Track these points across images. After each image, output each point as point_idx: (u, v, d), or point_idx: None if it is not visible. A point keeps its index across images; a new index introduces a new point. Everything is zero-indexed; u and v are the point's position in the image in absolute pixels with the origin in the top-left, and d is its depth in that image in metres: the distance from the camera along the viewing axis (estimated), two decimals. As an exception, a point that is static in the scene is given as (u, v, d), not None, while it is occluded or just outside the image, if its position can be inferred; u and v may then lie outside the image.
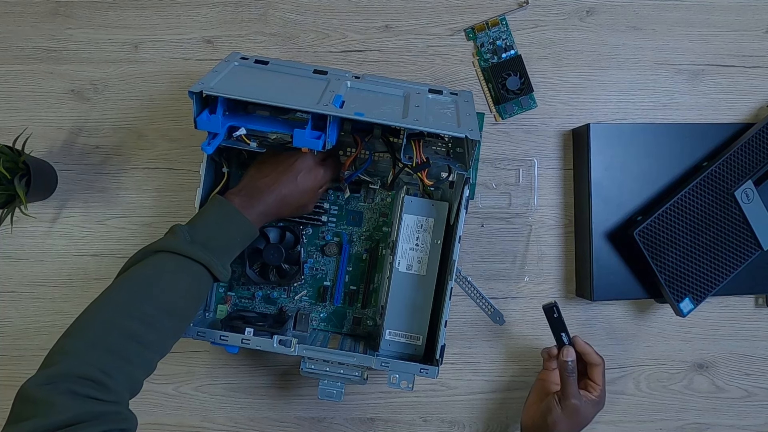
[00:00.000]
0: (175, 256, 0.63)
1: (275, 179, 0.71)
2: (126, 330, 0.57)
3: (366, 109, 0.65)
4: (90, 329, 0.57)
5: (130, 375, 0.56)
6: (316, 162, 0.73)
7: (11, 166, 0.76)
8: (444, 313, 0.71)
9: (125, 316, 0.58)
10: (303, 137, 0.65)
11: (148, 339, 0.58)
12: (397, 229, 0.76)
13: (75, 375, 0.52)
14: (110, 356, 0.55)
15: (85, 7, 0.86)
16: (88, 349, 0.55)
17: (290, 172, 0.71)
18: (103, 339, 0.56)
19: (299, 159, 0.71)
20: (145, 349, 0.58)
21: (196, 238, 0.65)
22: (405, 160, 0.71)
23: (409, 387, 0.71)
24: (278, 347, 0.70)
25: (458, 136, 0.64)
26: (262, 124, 0.67)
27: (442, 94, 0.75)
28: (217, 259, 0.65)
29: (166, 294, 0.61)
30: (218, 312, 0.82)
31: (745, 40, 0.87)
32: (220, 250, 0.66)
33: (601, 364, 0.76)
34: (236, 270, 0.81)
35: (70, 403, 0.50)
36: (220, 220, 0.67)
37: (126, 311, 0.58)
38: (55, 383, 0.51)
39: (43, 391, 0.51)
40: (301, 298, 0.83)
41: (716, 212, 0.80)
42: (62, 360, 0.54)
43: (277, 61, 0.75)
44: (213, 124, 0.65)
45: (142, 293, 0.60)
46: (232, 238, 0.67)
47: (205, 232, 0.66)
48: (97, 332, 0.56)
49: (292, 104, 0.64)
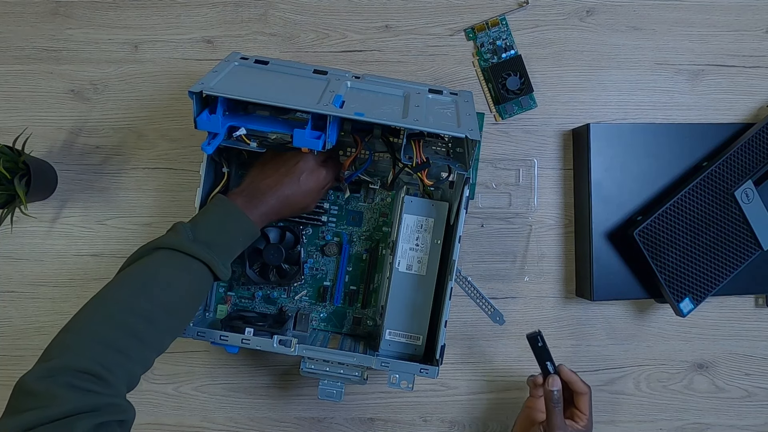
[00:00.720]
0: (177, 254, 0.63)
1: (278, 180, 0.71)
2: (126, 326, 0.57)
3: (366, 109, 0.65)
4: (90, 324, 0.57)
5: (128, 370, 0.56)
6: (318, 163, 0.73)
7: (11, 166, 0.76)
8: (444, 313, 0.71)
9: (125, 312, 0.58)
10: (303, 137, 0.65)
11: (148, 335, 0.58)
12: (397, 229, 0.76)
13: (74, 369, 0.52)
14: (110, 351, 0.55)
15: (85, 7, 0.86)
16: (87, 343, 0.55)
17: (293, 173, 0.71)
18: (103, 334, 0.56)
19: (301, 160, 0.71)
20: (144, 345, 0.58)
21: (198, 237, 0.65)
22: (405, 160, 0.71)
23: (410, 387, 0.71)
24: (278, 347, 0.70)
25: (458, 136, 0.64)
26: (262, 124, 0.67)
27: (442, 94, 0.75)
28: (219, 257, 0.65)
29: (167, 292, 0.61)
30: (218, 312, 0.82)
31: (745, 40, 0.87)
32: (221, 248, 0.66)
33: (588, 393, 0.74)
34: (236, 270, 0.81)
35: (69, 395, 0.50)
36: (222, 220, 0.67)
37: (126, 307, 0.58)
38: (54, 376, 0.51)
39: (43, 383, 0.51)
40: (301, 298, 0.83)
41: (716, 212, 0.80)
42: (61, 354, 0.54)
43: (277, 61, 0.75)
44: (213, 124, 0.65)
45: (142, 290, 0.60)
46: (234, 237, 0.67)
47: (207, 231, 0.66)
48: (96, 327, 0.56)
49: (292, 104, 0.64)
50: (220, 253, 0.66)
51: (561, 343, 0.86)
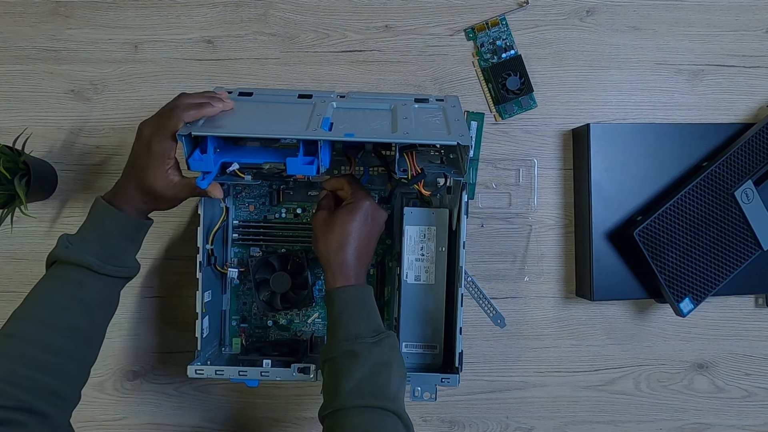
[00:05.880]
0: (56, 266, 0.64)
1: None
2: (27, 356, 0.59)
3: (355, 128, 0.65)
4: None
5: (44, 388, 0.59)
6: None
7: (11, 166, 0.76)
8: (458, 320, 0.71)
9: (25, 344, 0.60)
10: (296, 165, 0.64)
11: (47, 360, 0.60)
12: (401, 240, 0.76)
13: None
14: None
15: (85, 7, 0.86)
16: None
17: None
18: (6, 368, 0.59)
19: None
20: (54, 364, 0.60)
21: (73, 241, 0.65)
22: (400, 173, 0.70)
23: (433, 398, 0.71)
24: (297, 376, 0.71)
25: (449, 144, 0.64)
26: (253, 156, 0.67)
27: (428, 102, 0.75)
28: (95, 255, 0.64)
29: (49, 313, 0.62)
30: (234, 345, 0.83)
31: (745, 40, 0.87)
32: (95, 244, 0.65)
33: (343, 178, 0.74)
34: (247, 301, 0.83)
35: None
36: (93, 218, 0.66)
37: (24, 341, 0.60)
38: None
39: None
40: (314, 320, 0.84)
41: (716, 212, 0.80)
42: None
43: (260, 91, 0.75)
44: (205, 164, 0.64)
45: (30, 323, 0.61)
46: (108, 231, 0.66)
47: (81, 233, 0.66)
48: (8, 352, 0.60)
49: (281, 134, 0.64)
50: (97, 250, 0.65)
51: (561, 343, 0.86)
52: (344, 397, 0.61)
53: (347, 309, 0.67)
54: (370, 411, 0.60)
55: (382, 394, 0.61)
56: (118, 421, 0.85)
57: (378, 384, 0.62)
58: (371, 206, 0.71)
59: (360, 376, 0.62)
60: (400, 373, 0.64)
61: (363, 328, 0.65)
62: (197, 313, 0.74)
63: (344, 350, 0.64)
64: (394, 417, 0.60)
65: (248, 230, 0.82)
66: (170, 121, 0.63)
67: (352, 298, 0.67)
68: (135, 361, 0.85)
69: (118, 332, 0.85)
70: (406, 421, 0.61)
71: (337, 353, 0.64)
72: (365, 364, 0.62)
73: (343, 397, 0.61)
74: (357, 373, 0.62)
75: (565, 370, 0.86)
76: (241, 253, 0.82)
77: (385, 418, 0.60)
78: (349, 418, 0.60)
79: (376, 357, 0.63)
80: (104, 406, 0.85)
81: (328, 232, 0.69)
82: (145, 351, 0.85)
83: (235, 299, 0.83)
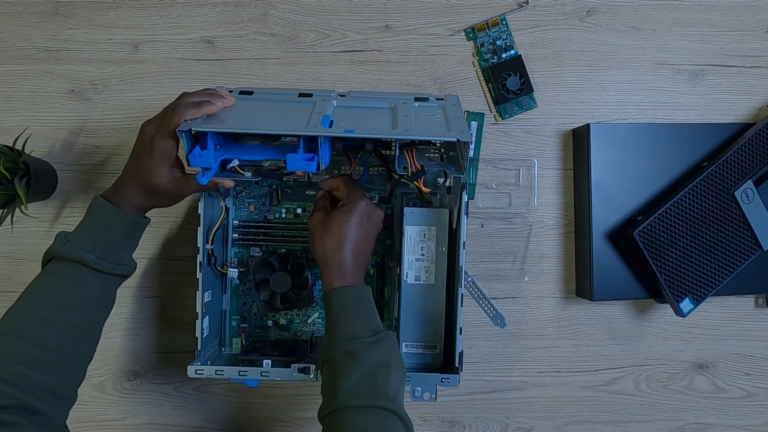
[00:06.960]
0: (53, 263, 0.64)
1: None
2: (24, 353, 0.59)
3: (355, 125, 0.65)
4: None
5: (39, 386, 0.58)
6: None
7: (11, 166, 0.76)
8: (458, 320, 0.71)
9: (21, 341, 0.60)
10: (296, 161, 0.64)
11: (44, 358, 0.59)
12: (401, 240, 0.76)
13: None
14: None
15: (85, 7, 0.86)
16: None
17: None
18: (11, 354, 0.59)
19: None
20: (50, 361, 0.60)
21: (71, 238, 0.65)
22: (400, 171, 0.70)
23: (433, 398, 0.71)
24: (298, 376, 0.71)
25: (449, 140, 0.64)
26: (253, 153, 0.67)
27: (428, 101, 0.75)
28: (91, 252, 0.64)
29: (45, 309, 0.62)
30: (234, 345, 0.83)
31: (745, 40, 0.87)
32: (91, 241, 0.65)
33: (339, 178, 0.75)
34: (247, 301, 0.82)
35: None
36: (92, 215, 0.66)
37: (20, 338, 0.60)
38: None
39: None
40: (314, 320, 0.84)
41: (716, 212, 0.80)
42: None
43: (261, 90, 0.76)
44: (205, 160, 0.65)
45: (27, 319, 0.61)
46: (106, 228, 0.65)
47: (79, 230, 0.66)
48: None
49: (281, 130, 0.64)
50: (94, 247, 0.64)
51: (561, 343, 0.86)
52: (343, 396, 0.61)
53: (345, 309, 0.67)
54: (370, 411, 0.60)
55: (381, 394, 0.61)
56: (118, 421, 0.85)
57: (377, 384, 0.62)
58: (367, 206, 0.71)
59: (358, 375, 0.62)
60: (400, 373, 0.64)
61: (361, 328, 0.65)
62: (197, 313, 0.74)
63: (342, 350, 0.64)
64: (394, 417, 0.60)
65: (248, 230, 0.82)
66: (172, 119, 0.63)
67: (349, 298, 0.67)
68: (135, 361, 0.85)
69: (118, 332, 0.85)
70: (405, 420, 0.61)
71: (335, 353, 0.64)
72: (364, 363, 0.62)
73: (342, 397, 0.61)
74: (355, 373, 0.62)
75: (565, 370, 0.86)
76: (241, 253, 0.83)
77: (385, 418, 0.60)
78: (348, 418, 0.60)
79: (374, 357, 0.63)
80: (104, 406, 0.85)
81: (324, 233, 0.69)
82: (145, 351, 0.85)
83: (235, 299, 0.83)
